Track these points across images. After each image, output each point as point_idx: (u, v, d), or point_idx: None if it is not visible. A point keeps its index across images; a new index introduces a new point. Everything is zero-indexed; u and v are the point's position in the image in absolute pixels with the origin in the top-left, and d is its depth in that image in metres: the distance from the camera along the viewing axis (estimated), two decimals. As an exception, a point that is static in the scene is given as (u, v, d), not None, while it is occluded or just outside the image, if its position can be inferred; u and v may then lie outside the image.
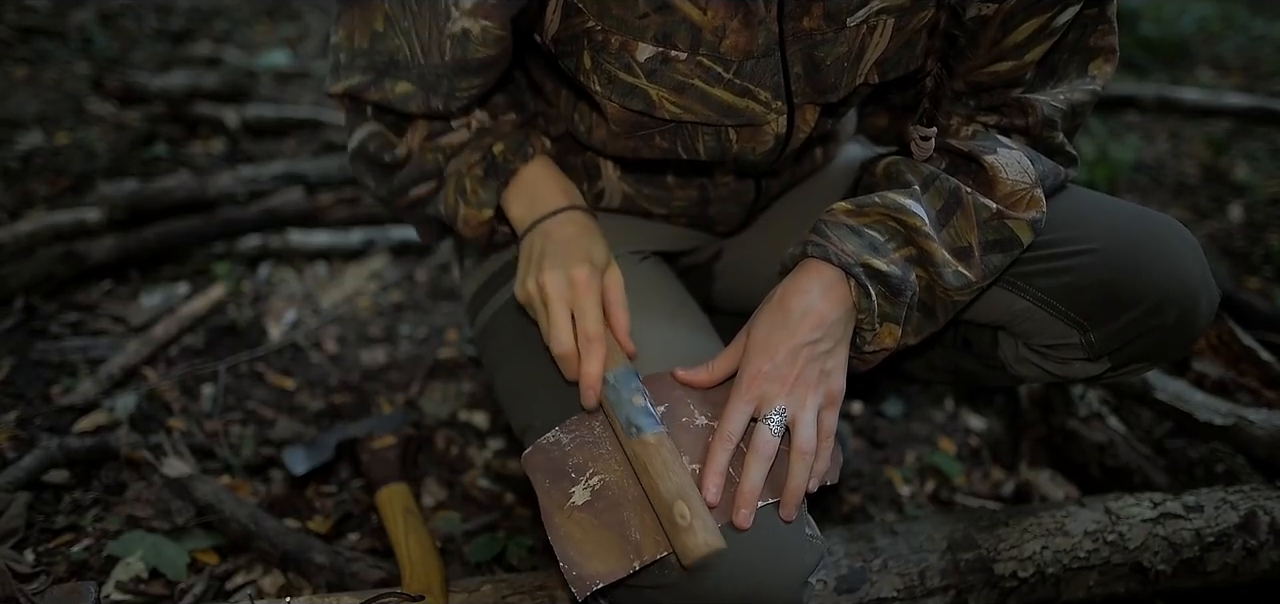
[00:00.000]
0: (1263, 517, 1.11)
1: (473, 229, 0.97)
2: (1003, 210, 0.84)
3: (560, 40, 0.85)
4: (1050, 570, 1.07)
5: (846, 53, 0.83)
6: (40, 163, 2.19)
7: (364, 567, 1.15)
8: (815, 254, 0.84)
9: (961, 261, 0.84)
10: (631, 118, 0.87)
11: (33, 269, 1.70)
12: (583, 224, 0.94)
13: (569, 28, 0.83)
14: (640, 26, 0.79)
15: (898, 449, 1.57)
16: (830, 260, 0.82)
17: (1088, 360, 0.91)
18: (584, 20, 0.81)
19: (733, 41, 0.79)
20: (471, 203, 0.95)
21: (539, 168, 0.96)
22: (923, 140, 0.89)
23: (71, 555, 1.16)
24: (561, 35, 0.85)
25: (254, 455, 1.39)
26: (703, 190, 1.03)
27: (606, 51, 0.82)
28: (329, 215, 2.11)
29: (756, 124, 0.87)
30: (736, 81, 0.82)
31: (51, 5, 3.30)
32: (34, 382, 1.49)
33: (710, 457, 0.79)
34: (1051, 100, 0.88)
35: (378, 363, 1.68)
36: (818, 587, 1.02)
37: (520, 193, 0.96)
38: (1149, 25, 3.86)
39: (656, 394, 0.85)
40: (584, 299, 0.87)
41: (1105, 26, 0.88)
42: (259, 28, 3.57)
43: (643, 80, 0.83)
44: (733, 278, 1.19)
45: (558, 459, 0.85)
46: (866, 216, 0.85)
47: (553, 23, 0.84)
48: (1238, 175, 2.63)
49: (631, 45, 0.80)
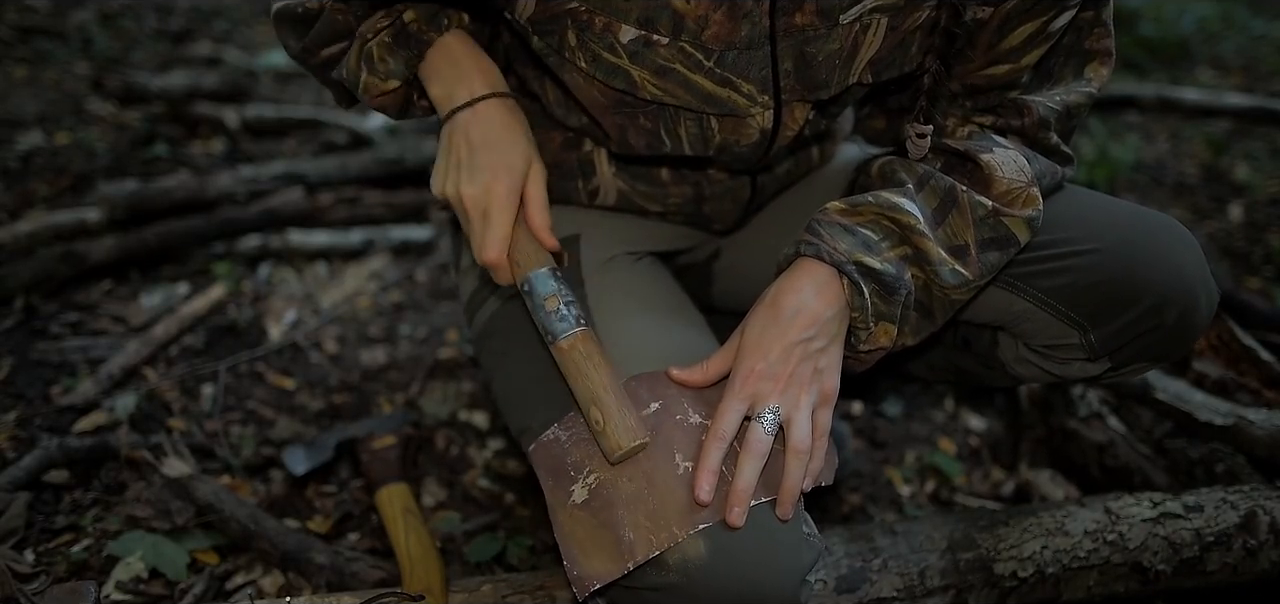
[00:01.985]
0: (1263, 517, 1.11)
1: (376, 99, 0.92)
2: (999, 208, 0.84)
3: (538, 21, 0.84)
4: (1050, 570, 1.07)
5: (839, 50, 0.83)
6: (40, 163, 2.19)
7: (364, 567, 1.15)
8: (808, 252, 0.83)
9: (958, 260, 0.84)
10: (614, 96, 0.87)
11: (33, 269, 1.70)
12: (502, 119, 0.90)
13: (549, 9, 0.82)
14: (624, 8, 0.79)
15: (898, 449, 1.57)
16: (822, 258, 0.82)
17: (1088, 361, 0.91)
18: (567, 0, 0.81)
19: (714, 32, 0.79)
20: (377, 71, 0.89)
21: (454, 42, 0.90)
22: (918, 138, 0.89)
23: (71, 555, 1.16)
24: (539, 16, 0.83)
25: (254, 455, 1.39)
26: (697, 187, 1.03)
27: (591, 31, 0.81)
28: (329, 215, 2.11)
29: (738, 116, 0.87)
30: (716, 71, 0.82)
31: (51, 5, 3.30)
32: (34, 382, 1.49)
33: (703, 454, 0.79)
34: (1047, 102, 0.88)
35: (378, 363, 1.68)
36: (817, 586, 1.01)
37: (437, 71, 0.91)
38: (1149, 25, 3.86)
39: (650, 392, 0.85)
40: (497, 215, 0.86)
41: (1101, 30, 0.89)
42: (259, 28, 3.57)
43: (625, 60, 0.83)
44: (731, 278, 1.19)
45: (558, 456, 0.85)
46: (860, 215, 0.84)
47: (529, 3, 0.83)
48: (1238, 175, 2.63)
49: (615, 26, 0.80)
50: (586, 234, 1.04)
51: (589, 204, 1.06)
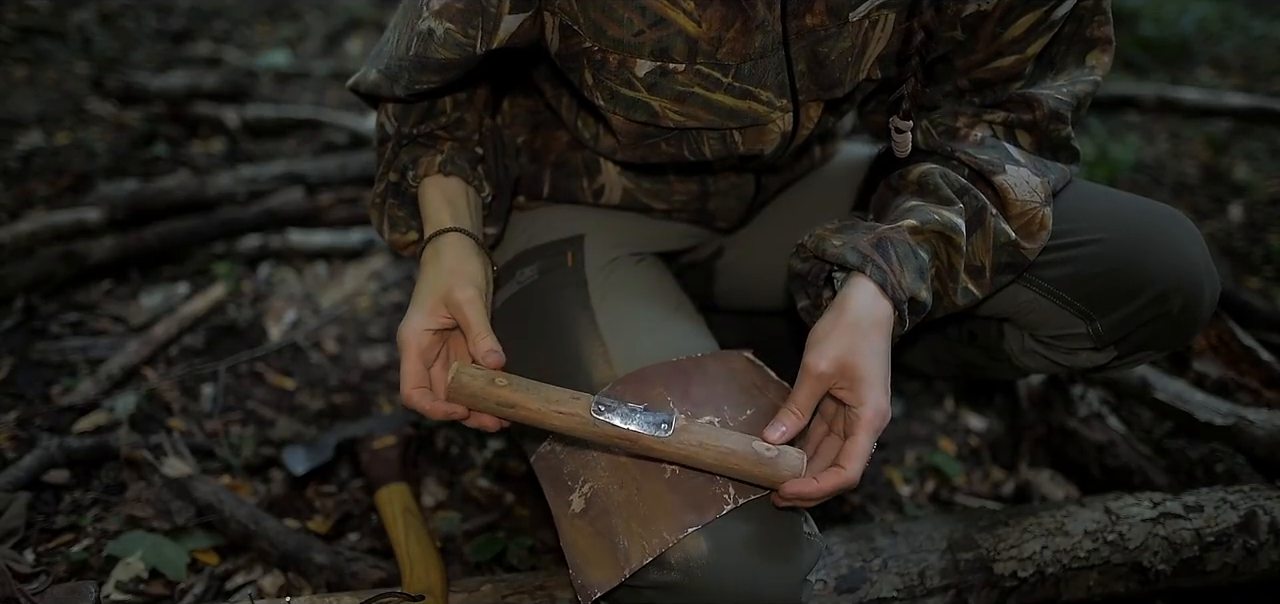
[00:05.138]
0: (1263, 517, 1.11)
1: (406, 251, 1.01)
2: (1019, 242, 0.85)
3: (562, 57, 0.87)
4: (1050, 570, 1.07)
5: (850, 48, 0.83)
6: (40, 163, 2.19)
7: (364, 567, 1.15)
8: (874, 278, 0.80)
9: (974, 279, 0.86)
10: (636, 128, 0.88)
11: (33, 269, 1.70)
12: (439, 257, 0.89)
13: (568, 46, 0.85)
14: (636, 43, 0.80)
15: (898, 449, 1.57)
16: (885, 291, 0.80)
17: (1094, 350, 0.92)
18: (581, 40, 0.82)
19: (729, 48, 0.80)
20: (398, 228, 0.99)
21: (426, 188, 0.95)
22: (898, 133, 0.89)
23: (71, 555, 1.16)
24: (563, 52, 0.86)
25: (254, 455, 1.39)
26: (703, 184, 1.04)
27: (606, 69, 0.83)
28: (329, 215, 2.11)
29: (760, 124, 0.87)
30: (736, 85, 0.83)
31: (51, 5, 3.29)
32: (34, 382, 1.49)
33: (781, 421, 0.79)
34: (1055, 93, 0.88)
35: (378, 363, 1.68)
36: (817, 586, 1.02)
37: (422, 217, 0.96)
38: (1149, 25, 3.85)
39: (636, 393, 0.85)
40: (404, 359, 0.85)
41: (1101, 17, 0.89)
42: (259, 28, 3.57)
43: (644, 93, 0.84)
44: (733, 275, 1.19)
45: (556, 466, 0.86)
46: (924, 235, 0.84)
47: (553, 40, 0.86)
48: (1238, 175, 2.63)
49: (630, 61, 0.81)
50: (590, 235, 1.04)
51: (593, 203, 1.06)
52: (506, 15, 0.81)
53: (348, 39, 3.52)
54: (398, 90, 0.90)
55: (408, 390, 0.84)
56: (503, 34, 0.82)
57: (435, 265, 0.88)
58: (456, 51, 0.83)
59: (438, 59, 0.84)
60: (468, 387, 0.82)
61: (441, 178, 0.95)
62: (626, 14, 0.79)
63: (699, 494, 0.78)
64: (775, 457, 0.75)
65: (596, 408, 0.78)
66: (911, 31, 0.84)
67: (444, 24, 0.81)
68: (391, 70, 0.89)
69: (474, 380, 0.82)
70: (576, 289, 0.98)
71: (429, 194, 0.94)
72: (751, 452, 0.76)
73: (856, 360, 0.77)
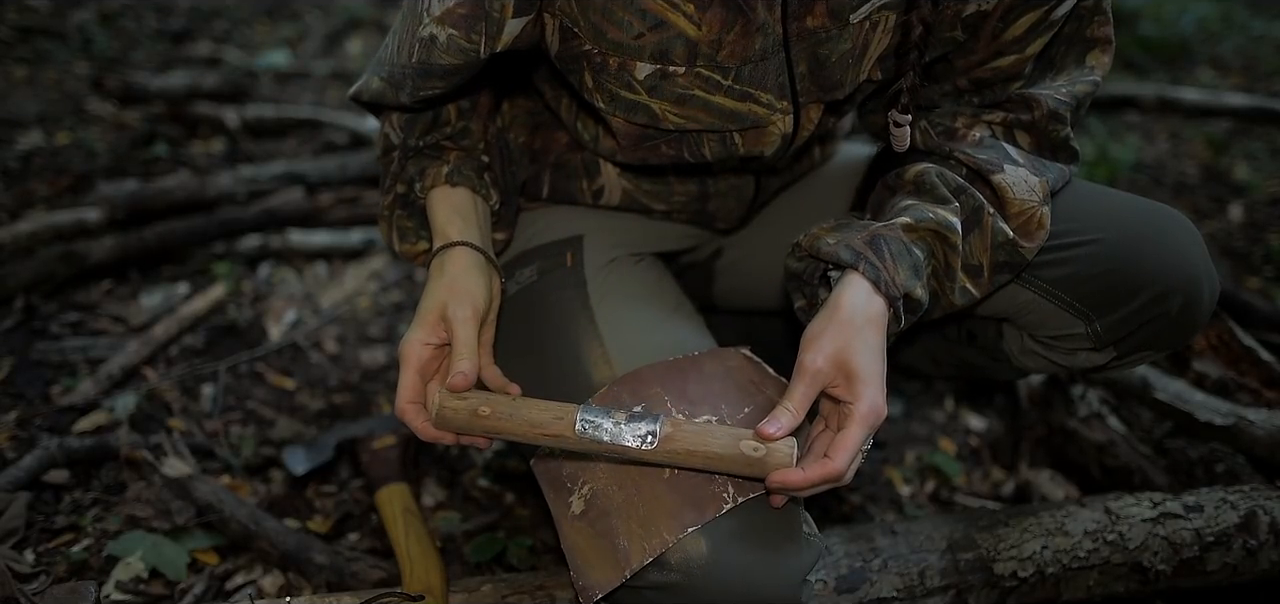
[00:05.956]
0: (1263, 517, 1.11)
1: (417, 261, 1.01)
2: (1018, 240, 0.85)
3: (562, 59, 0.87)
4: (1050, 570, 1.07)
5: (851, 50, 0.83)
6: (40, 163, 2.19)
7: (364, 567, 1.15)
8: (868, 275, 0.80)
9: (971, 279, 0.86)
10: (636, 131, 0.88)
11: (33, 269, 1.70)
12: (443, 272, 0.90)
13: (568, 49, 0.85)
14: (636, 46, 0.80)
15: (898, 449, 1.57)
16: (879, 287, 0.80)
17: (1093, 350, 0.92)
18: (581, 43, 0.82)
19: (729, 51, 0.80)
20: (408, 238, 1.00)
21: (433, 200, 0.95)
22: (896, 127, 0.89)
23: (71, 555, 1.16)
24: (563, 54, 0.86)
25: (254, 455, 1.39)
26: (702, 185, 1.04)
27: (606, 71, 0.83)
28: (329, 215, 2.11)
29: (760, 126, 0.87)
30: (737, 88, 0.83)
31: (51, 5, 3.29)
32: (34, 382, 1.49)
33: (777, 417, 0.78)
34: (1055, 93, 0.88)
35: (378, 363, 1.68)
36: (817, 586, 1.02)
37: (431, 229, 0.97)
38: (1149, 25, 3.86)
39: (634, 393, 0.85)
40: (403, 372, 0.86)
41: (1101, 17, 0.89)
42: (259, 28, 3.57)
43: (644, 96, 0.84)
44: (732, 276, 1.19)
45: (555, 469, 0.86)
46: (919, 233, 0.84)
47: (553, 43, 0.86)
48: (1238, 175, 2.63)
49: (630, 64, 0.81)
50: (590, 235, 1.04)
51: (593, 204, 1.06)
52: (510, 19, 0.81)
53: (348, 39, 3.52)
54: (402, 98, 0.90)
55: (402, 404, 0.85)
56: (506, 37, 0.82)
57: (438, 280, 0.89)
58: (460, 57, 0.83)
59: (442, 65, 0.84)
60: (452, 420, 0.83)
61: (449, 189, 0.95)
62: (626, 17, 0.79)
63: (698, 494, 0.78)
64: (764, 455, 0.75)
65: (581, 426, 0.78)
66: (910, 26, 0.84)
67: (447, 30, 0.81)
68: (395, 78, 0.89)
69: (457, 414, 0.82)
70: (576, 289, 0.98)
71: (436, 205, 0.94)
72: (739, 452, 0.76)
73: (851, 357, 0.77)
